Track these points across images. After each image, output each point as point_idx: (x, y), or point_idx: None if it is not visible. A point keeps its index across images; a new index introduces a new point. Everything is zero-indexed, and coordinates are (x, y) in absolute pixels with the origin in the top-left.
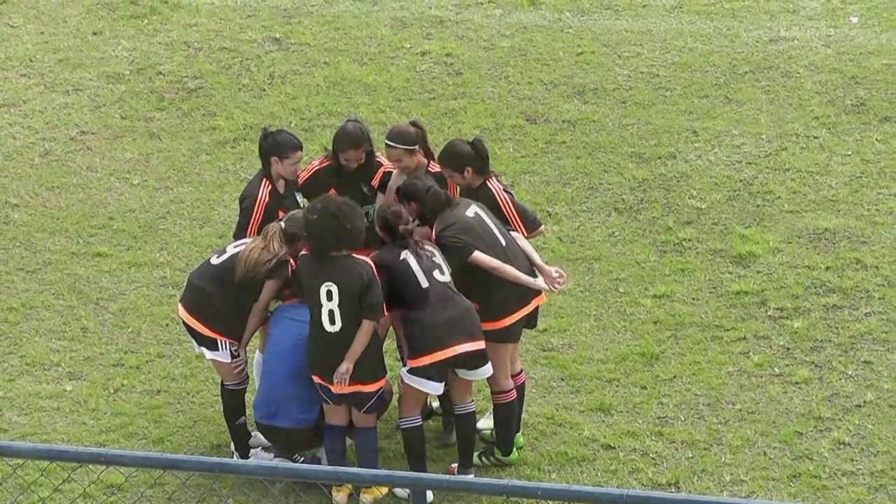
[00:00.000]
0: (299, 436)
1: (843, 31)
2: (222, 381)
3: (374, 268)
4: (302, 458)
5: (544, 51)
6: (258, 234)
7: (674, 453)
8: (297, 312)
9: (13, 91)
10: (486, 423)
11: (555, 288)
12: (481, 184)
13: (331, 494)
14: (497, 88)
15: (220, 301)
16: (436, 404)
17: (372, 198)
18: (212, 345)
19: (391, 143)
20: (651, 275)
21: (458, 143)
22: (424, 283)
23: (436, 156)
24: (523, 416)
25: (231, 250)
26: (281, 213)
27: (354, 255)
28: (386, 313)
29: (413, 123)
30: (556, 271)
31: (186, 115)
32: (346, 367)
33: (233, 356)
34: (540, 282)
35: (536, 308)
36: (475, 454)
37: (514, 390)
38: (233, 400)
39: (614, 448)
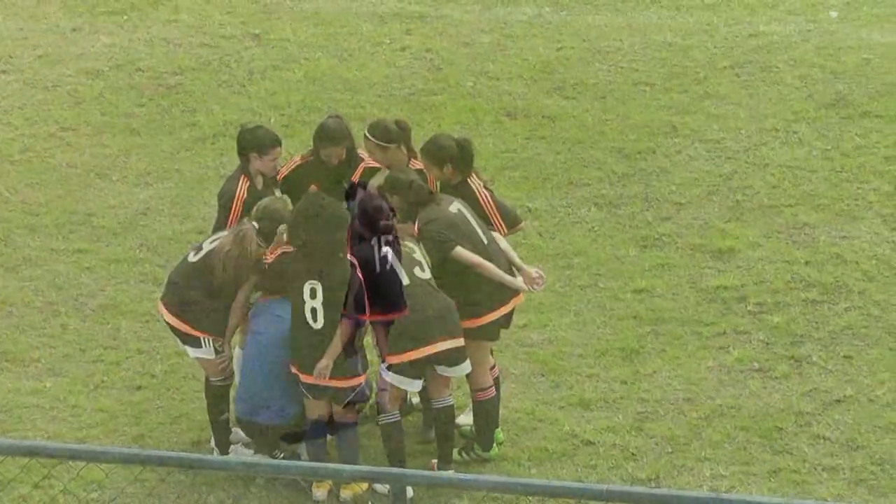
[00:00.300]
0: (280, 432)
1: (822, 26)
2: (207, 378)
3: (356, 265)
4: (282, 454)
5: (524, 46)
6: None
7: (654, 448)
8: (278, 308)
9: None
10: (465, 419)
11: (534, 288)
12: (462, 180)
13: (311, 490)
14: (477, 84)
15: (201, 299)
16: (416, 400)
17: (352, 194)
18: (195, 343)
19: (367, 134)
20: (631, 270)
21: (442, 137)
22: (405, 280)
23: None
24: (502, 411)
25: (207, 246)
26: None
27: None
28: (367, 311)
29: (397, 122)
30: (536, 272)
31: (166, 112)
32: (325, 362)
33: (217, 352)
34: (519, 281)
35: (513, 308)
36: (455, 450)
37: (494, 387)
38: (217, 396)
39: (594, 443)
